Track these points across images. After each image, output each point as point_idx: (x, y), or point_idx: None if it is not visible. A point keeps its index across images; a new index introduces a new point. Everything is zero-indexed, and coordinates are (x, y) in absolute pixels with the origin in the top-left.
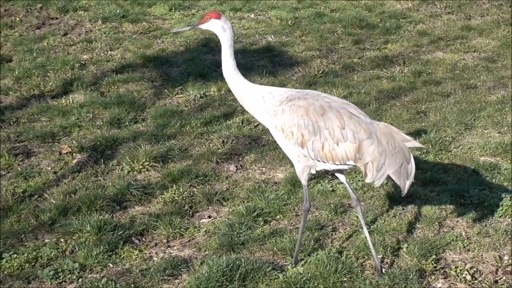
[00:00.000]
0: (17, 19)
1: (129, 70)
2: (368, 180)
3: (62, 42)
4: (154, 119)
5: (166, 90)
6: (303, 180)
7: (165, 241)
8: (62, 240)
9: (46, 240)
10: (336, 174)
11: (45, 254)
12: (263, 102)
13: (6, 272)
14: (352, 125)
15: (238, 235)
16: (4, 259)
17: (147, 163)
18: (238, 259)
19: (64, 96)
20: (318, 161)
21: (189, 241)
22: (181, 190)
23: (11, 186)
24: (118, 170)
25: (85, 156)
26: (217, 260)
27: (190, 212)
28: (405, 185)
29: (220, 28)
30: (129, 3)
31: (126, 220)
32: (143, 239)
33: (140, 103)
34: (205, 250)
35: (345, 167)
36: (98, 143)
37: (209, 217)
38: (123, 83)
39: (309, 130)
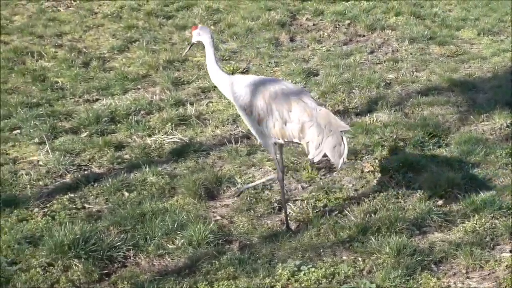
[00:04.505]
0: (325, 34)
1: (435, 93)
2: (310, 156)
3: (368, 60)
4: (458, 145)
5: (471, 116)
6: (271, 153)
7: (464, 271)
8: (359, 259)
9: (344, 257)
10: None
11: (343, 271)
12: (232, 86)
13: (303, 284)
14: (298, 109)
15: None
16: (303, 272)
17: (449, 189)
18: None
19: (368, 114)
20: (270, 137)
21: (489, 274)
22: (483, 221)
23: (312, 199)
24: (419, 194)
25: (386, 176)
26: None
27: (491, 245)
28: (339, 162)
29: (197, 36)
30: (436, 25)
31: (425, 246)
32: (441, 267)
33: (445, 128)
34: (505, 286)
35: None
36: (400, 164)
37: (511, 251)
38: (428, 105)
39: (263, 111)
